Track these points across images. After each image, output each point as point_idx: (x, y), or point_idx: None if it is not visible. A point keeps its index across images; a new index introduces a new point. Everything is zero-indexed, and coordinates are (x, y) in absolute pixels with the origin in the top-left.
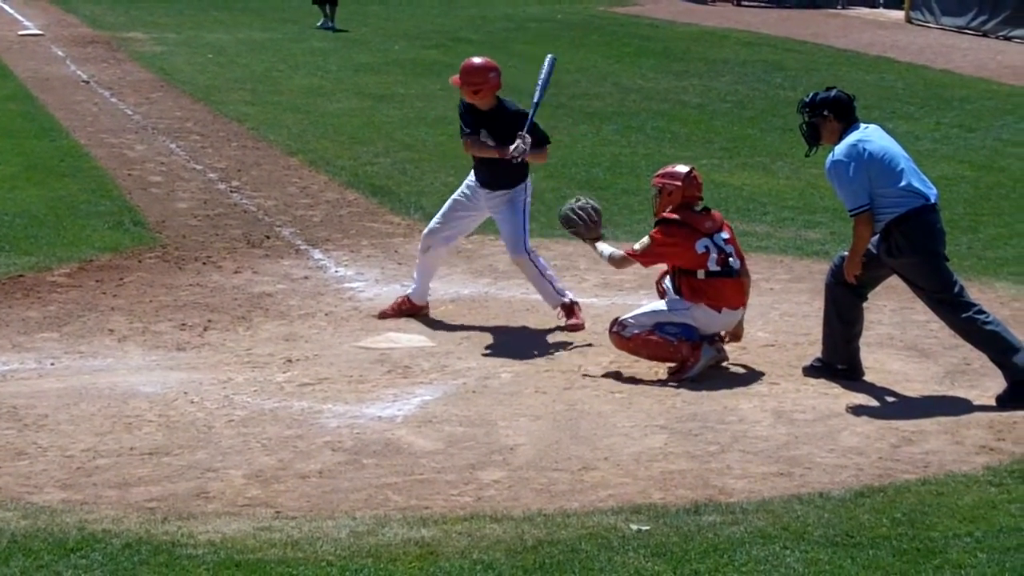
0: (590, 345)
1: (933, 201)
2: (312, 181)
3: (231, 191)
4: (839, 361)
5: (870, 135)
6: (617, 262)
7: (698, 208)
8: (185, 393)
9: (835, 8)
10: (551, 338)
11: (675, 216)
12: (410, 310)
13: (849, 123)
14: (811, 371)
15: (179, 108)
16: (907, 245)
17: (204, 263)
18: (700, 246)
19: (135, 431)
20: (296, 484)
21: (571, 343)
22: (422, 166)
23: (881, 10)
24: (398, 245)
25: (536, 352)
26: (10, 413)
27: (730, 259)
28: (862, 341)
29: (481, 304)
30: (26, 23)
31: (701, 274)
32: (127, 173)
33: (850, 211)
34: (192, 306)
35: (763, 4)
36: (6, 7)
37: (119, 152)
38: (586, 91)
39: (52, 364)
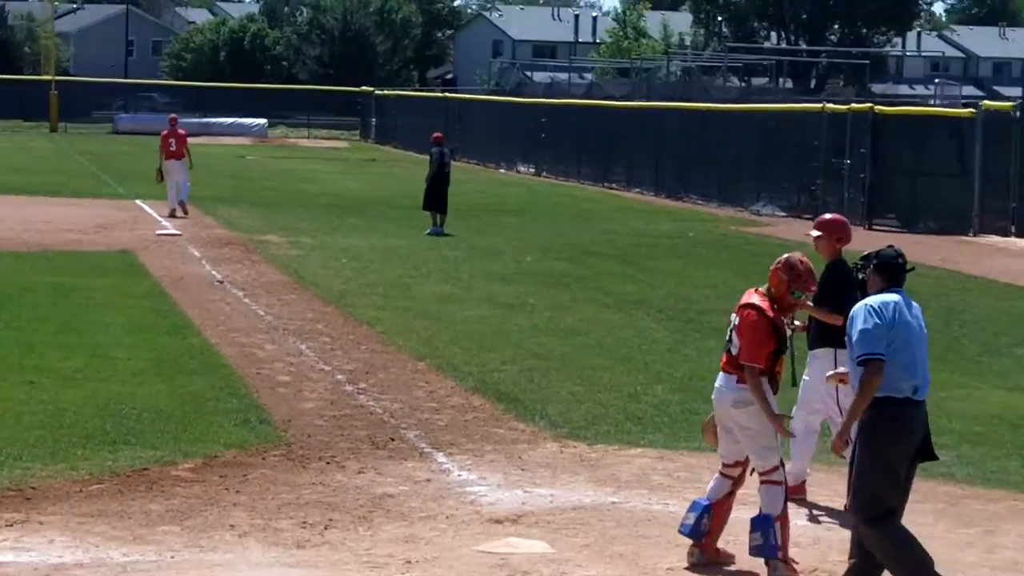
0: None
1: (918, 398)
2: (439, 386)
3: (358, 393)
4: None
5: (903, 306)
6: None
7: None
8: None
9: (967, 236)
10: (673, 549)
11: None
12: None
13: (890, 282)
14: None
15: (311, 310)
16: (869, 429)
17: (328, 463)
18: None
19: None
20: None
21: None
22: (549, 375)
23: (1013, 239)
24: (522, 451)
25: (657, 563)
26: None
27: (727, 336)
28: (987, 564)
29: (603, 513)
30: (164, 223)
31: None
32: (256, 372)
33: (859, 356)
34: (314, 504)
35: (895, 228)
36: (146, 208)
37: (249, 351)
38: (715, 307)
39: (172, 557)
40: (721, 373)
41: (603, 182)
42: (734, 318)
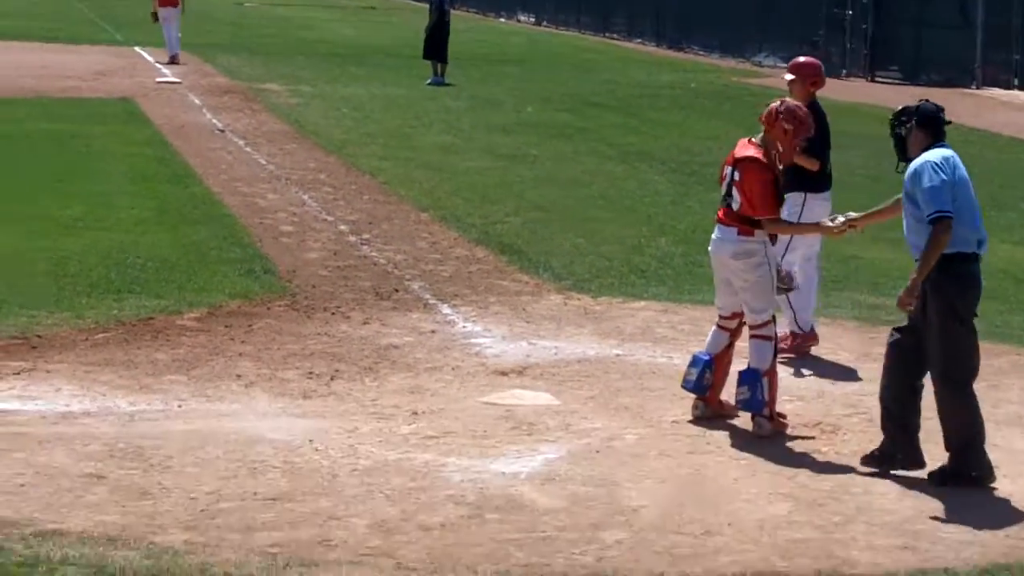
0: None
1: (982, 252)
2: (442, 237)
3: (361, 243)
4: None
5: (958, 161)
6: None
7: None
8: (310, 441)
9: (970, 88)
10: (677, 401)
11: None
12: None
13: (934, 137)
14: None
15: (312, 160)
16: (940, 288)
17: (332, 313)
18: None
19: (259, 476)
20: (418, 536)
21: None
22: (552, 227)
23: (1016, 92)
24: (526, 303)
25: (662, 415)
26: (136, 453)
27: (725, 190)
28: (991, 418)
29: (608, 365)
30: (164, 71)
31: None
32: (259, 222)
33: (931, 215)
34: (319, 355)
35: (897, 80)
36: (145, 55)
37: (251, 201)
38: (716, 159)
39: (179, 406)
40: (718, 225)
41: (604, 32)
42: (729, 171)
